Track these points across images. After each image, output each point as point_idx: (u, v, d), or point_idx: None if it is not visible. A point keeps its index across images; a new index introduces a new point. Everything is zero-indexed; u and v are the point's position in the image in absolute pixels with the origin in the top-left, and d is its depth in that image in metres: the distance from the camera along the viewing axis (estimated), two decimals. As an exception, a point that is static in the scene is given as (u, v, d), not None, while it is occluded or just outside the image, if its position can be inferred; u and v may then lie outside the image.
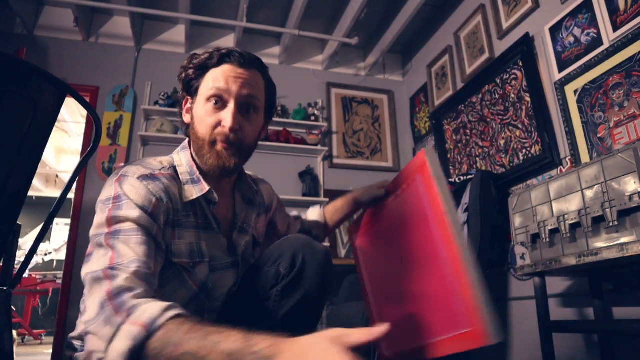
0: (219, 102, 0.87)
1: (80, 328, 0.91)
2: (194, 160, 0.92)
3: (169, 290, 0.83)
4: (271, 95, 0.98)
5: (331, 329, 0.59)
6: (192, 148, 0.93)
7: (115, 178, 0.81)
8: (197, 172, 0.90)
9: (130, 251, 0.72)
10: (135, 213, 0.76)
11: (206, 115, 0.88)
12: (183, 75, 0.93)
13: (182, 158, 0.92)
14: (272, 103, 0.99)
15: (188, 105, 0.95)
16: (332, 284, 0.95)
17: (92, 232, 0.77)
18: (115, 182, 0.80)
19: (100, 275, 0.69)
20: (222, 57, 0.89)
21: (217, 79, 0.88)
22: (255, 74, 0.91)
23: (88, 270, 0.72)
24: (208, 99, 0.88)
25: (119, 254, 0.71)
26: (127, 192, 0.78)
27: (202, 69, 0.90)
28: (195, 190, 0.88)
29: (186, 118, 0.95)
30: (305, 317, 0.88)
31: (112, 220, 0.75)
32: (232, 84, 0.87)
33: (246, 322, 0.89)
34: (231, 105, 0.87)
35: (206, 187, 0.88)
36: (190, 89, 0.92)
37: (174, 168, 0.90)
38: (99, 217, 0.77)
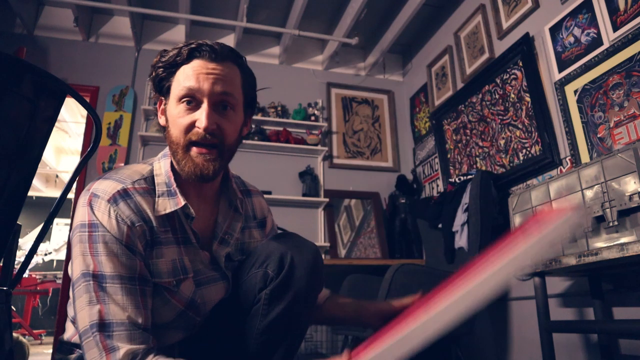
0: (192, 102, 0.81)
1: (70, 330, 0.90)
2: (173, 169, 0.86)
3: (152, 308, 0.80)
4: (250, 88, 0.90)
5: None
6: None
7: (86, 197, 0.77)
8: (175, 184, 0.84)
9: (119, 310, 0.72)
10: (114, 253, 0.74)
11: (178, 116, 0.81)
12: (153, 74, 0.85)
13: (162, 166, 0.86)
14: (252, 96, 0.91)
15: (162, 106, 0.87)
16: (323, 283, 0.92)
17: (77, 266, 0.75)
18: (87, 204, 0.77)
19: (98, 341, 0.70)
20: (192, 52, 0.82)
21: (187, 77, 0.81)
22: (229, 68, 0.84)
23: (81, 316, 0.72)
24: (180, 100, 0.81)
25: (108, 311, 0.71)
26: (100, 219, 0.75)
27: (172, 67, 0.83)
28: (170, 204, 0.82)
29: (161, 120, 0.88)
30: (296, 318, 0.86)
31: (95, 258, 0.73)
32: (203, 82, 0.80)
33: (235, 326, 0.88)
34: (205, 105, 0.80)
35: (182, 202, 0.82)
36: (162, 89, 0.85)
37: (152, 178, 0.84)
38: (80, 249, 0.75)
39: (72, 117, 5.16)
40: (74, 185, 2.86)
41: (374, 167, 3.45)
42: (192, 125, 0.81)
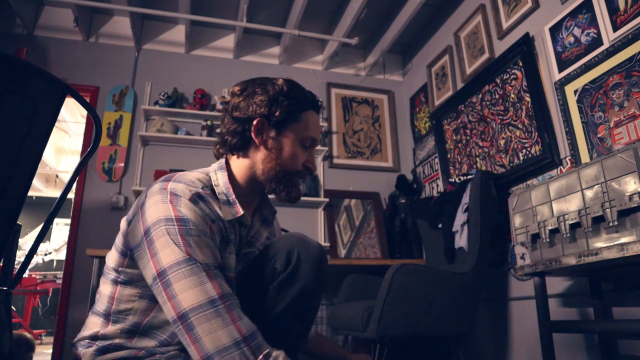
0: (309, 145, 0.99)
1: (96, 327, 0.90)
2: (231, 182, 0.95)
3: None
4: None
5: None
6: (232, 170, 0.97)
7: (167, 196, 0.83)
8: (233, 195, 0.93)
9: (228, 288, 0.79)
10: (204, 244, 0.81)
11: (299, 154, 0.97)
12: (273, 99, 0.94)
13: (219, 178, 0.94)
14: None
15: (266, 127, 0.95)
16: (327, 278, 0.99)
17: (169, 255, 0.78)
18: (170, 202, 0.82)
19: (223, 311, 0.75)
20: (315, 104, 1.01)
21: (314, 126, 1.00)
22: None
23: (187, 296, 0.75)
24: (304, 143, 0.97)
25: (222, 287, 0.78)
26: (187, 215, 0.81)
27: (297, 107, 0.96)
28: (231, 212, 0.91)
29: (259, 140, 0.96)
30: (302, 311, 0.91)
31: (189, 249, 0.78)
32: (319, 133, 1.02)
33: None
34: (313, 152, 1.01)
35: (240, 211, 0.92)
36: (277, 118, 0.94)
37: (212, 187, 0.92)
38: (171, 241, 0.78)
39: (72, 117, 5.16)
40: (74, 185, 2.86)
41: (374, 167, 3.45)
42: (305, 162, 0.98)
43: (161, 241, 0.78)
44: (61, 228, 6.58)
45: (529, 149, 2.25)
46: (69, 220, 2.93)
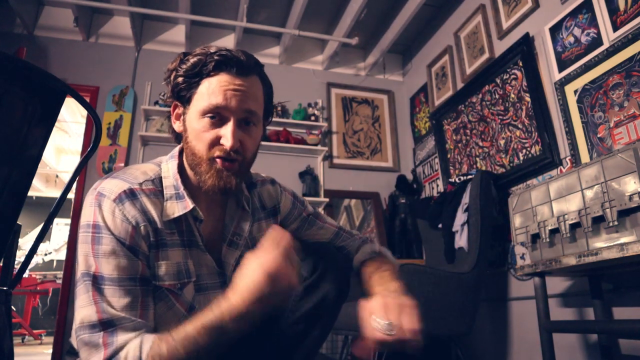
0: (216, 116, 0.80)
1: (72, 341, 0.89)
2: (181, 172, 0.86)
3: (156, 314, 0.80)
4: (269, 100, 0.90)
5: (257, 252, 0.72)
6: (184, 159, 0.87)
7: (93, 196, 0.78)
8: (182, 187, 0.84)
9: (114, 311, 0.72)
10: (115, 255, 0.74)
11: (203, 131, 0.80)
12: (172, 80, 0.85)
13: (169, 168, 0.86)
14: (270, 107, 0.92)
15: (179, 111, 0.87)
16: (349, 290, 0.97)
17: (79, 265, 0.76)
18: (93, 203, 0.77)
19: (89, 339, 0.71)
20: (218, 65, 0.80)
21: (213, 92, 0.79)
22: (254, 82, 0.84)
23: (77, 314, 0.73)
24: (204, 114, 0.80)
25: (106, 312, 0.72)
26: (105, 220, 0.75)
27: (195, 77, 0.81)
28: (179, 208, 0.82)
29: (177, 126, 0.88)
30: (322, 317, 0.91)
31: (96, 260, 0.74)
32: (231, 99, 0.79)
33: (264, 320, 0.89)
34: (231, 122, 0.80)
35: (190, 205, 0.82)
36: (181, 96, 0.84)
37: (160, 180, 0.84)
38: (83, 249, 0.76)
39: (72, 117, 5.16)
40: (74, 185, 2.86)
41: (374, 167, 3.45)
42: (216, 141, 0.81)
43: (79, 248, 0.76)
44: (61, 228, 6.58)
45: (529, 149, 2.26)
46: (69, 220, 2.93)
